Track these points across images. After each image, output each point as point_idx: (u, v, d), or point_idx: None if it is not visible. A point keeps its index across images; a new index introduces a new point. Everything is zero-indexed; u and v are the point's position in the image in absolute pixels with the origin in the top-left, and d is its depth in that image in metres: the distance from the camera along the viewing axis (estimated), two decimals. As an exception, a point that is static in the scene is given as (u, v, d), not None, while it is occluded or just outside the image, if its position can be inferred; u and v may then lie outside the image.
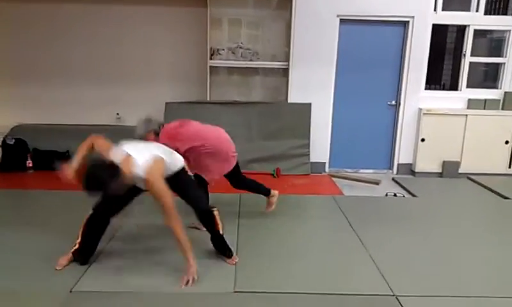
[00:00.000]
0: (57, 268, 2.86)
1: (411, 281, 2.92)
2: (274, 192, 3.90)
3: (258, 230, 3.68)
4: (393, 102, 5.91)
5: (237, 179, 3.78)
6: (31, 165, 5.26)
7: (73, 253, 2.90)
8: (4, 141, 5.30)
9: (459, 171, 5.80)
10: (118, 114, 6.11)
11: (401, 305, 2.63)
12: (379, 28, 5.68)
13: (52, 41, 5.90)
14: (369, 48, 5.74)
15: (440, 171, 5.86)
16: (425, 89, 5.86)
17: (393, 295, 2.73)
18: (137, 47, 5.94)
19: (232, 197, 4.48)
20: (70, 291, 2.63)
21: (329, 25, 5.55)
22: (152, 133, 3.35)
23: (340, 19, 5.57)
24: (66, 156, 5.49)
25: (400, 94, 5.83)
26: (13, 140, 5.28)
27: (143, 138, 3.22)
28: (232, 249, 3.14)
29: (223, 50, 5.84)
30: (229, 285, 2.77)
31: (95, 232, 2.94)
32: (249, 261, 3.10)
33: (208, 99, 5.79)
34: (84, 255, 2.92)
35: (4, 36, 5.90)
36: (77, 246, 2.89)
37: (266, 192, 3.88)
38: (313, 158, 5.82)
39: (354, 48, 5.72)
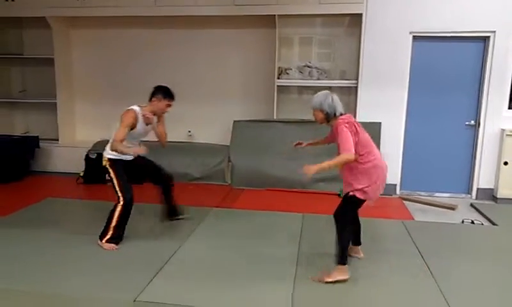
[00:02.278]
0: None
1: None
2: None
3: (319, 254, 3.56)
4: (472, 122, 5.53)
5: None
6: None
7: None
8: (87, 155, 5.76)
9: (549, 199, 5.25)
10: (189, 131, 6.38)
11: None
12: (456, 45, 5.38)
13: (131, 63, 6.38)
14: (445, 66, 5.45)
15: (527, 197, 5.35)
16: (510, 108, 5.41)
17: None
18: (209, 67, 6.21)
19: (296, 217, 4.46)
20: (134, 301, 2.74)
21: (402, 42, 5.37)
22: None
23: (413, 36, 5.37)
24: (141, 170, 5.84)
25: (480, 114, 5.45)
26: (95, 154, 5.70)
27: None
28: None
29: (291, 69, 5.89)
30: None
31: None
32: (306, 287, 2.99)
33: (275, 117, 5.85)
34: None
35: (89, 60, 6.51)
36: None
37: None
38: (383, 179, 5.60)
39: (428, 66, 5.47)
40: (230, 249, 3.60)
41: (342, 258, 3.03)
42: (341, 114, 3.11)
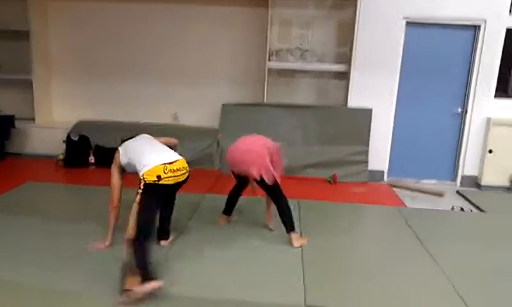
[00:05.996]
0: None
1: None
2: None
3: (323, 242, 3.53)
4: (460, 110, 5.60)
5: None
6: (93, 161, 5.39)
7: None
8: (68, 137, 5.45)
9: (531, 186, 5.43)
10: (175, 113, 6.16)
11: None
12: (448, 32, 5.40)
13: (113, 40, 6.05)
14: (436, 53, 5.46)
15: (508, 185, 5.49)
16: (496, 97, 5.51)
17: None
18: (196, 46, 5.97)
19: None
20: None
21: (395, 28, 5.34)
22: None
23: (407, 22, 5.34)
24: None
25: (467, 102, 5.52)
26: (77, 136, 5.43)
27: None
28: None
29: (282, 51, 5.75)
30: (299, 298, 2.67)
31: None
32: (316, 274, 2.98)
33: (265, 101, 5.72)
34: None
35: (68, 35, 6.12)
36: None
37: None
38: (372, 166, 5.62)
39: (419, 52, 5.47)
40: (228, 238, 3.50)
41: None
42: None
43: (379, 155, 5.69)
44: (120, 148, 3.16)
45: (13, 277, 2.73)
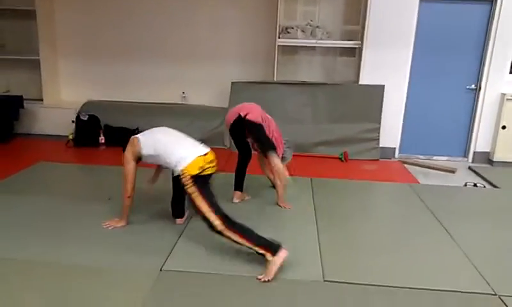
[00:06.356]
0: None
1: (514, 280, 2.69)
2: None
3: (337, 219, 3.53)
4: (473, 86, 5.51)
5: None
6: (103, 141, 5.37)
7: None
8: (78, 117, 5.42)
9: (544, 162, 5.37)
10: (183, 92, 6.11)
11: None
12: (463, 6, 5.27)
13: (121, 20, 5.95)
14: (450, 27, 5.35)
15: (522, 161, 5.45)
16: (511, 73, 5.40)
17: (496, 295, 2.53)
18: (205, 25, 5.88)
19: (303, 180, 4.38)
20: (161, 270, 2.62)
21: (408, 2, 5.21)
22: None
23: (420, -4, 5.22)
24: (136, 133, 5.57)
25: (481, 78, 5.42)
26: (87, 116, 5.40)
27: None
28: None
29: (292, 28, 5.65)
30: (317, 273, 2.67)
31: None
32: (332, 250, 2.98)
33: (275, 79, 5.64)
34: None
35: (75, 14, 6.01)
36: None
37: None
38: (383, 143, 5.57)
39: (433, 27, 5.35)
40: (242, 217, 3.46)
41: None
42: None
43: (391, 132, 5.64)
44: (141, 138, 3.00)
45: (26, 256, 2.72)
